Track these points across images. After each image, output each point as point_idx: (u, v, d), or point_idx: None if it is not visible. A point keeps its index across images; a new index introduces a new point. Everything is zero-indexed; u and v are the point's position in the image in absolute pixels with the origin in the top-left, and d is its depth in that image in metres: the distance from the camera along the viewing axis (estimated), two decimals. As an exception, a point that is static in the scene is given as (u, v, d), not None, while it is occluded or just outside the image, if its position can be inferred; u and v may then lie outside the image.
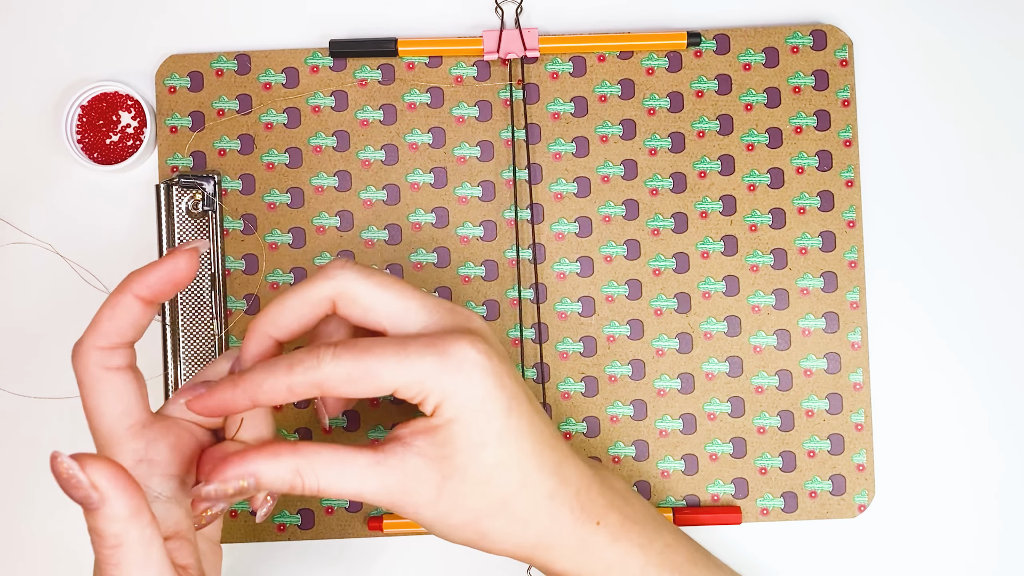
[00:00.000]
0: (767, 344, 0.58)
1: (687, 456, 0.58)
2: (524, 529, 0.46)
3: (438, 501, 0.44)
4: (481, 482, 0.44)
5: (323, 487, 0.43)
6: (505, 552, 0.47)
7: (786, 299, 0.58)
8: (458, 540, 0.46)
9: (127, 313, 0.44)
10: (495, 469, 0.44)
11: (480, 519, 0.45)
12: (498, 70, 0.59)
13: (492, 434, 0.44)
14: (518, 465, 0.45)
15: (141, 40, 0.60)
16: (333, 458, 0.43)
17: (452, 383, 0.43)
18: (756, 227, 0.59)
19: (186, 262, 0.44)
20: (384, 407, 0.58)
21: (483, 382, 0.43)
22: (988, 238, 0.59)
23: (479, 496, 0.45)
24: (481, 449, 0.44)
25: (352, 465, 0.43)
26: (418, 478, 0.44)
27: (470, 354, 0.43)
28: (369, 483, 0.43)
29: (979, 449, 0.59)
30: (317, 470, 0.42)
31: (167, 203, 0.58)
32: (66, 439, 0.59)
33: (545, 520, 0.46)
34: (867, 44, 0.60)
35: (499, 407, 0.44)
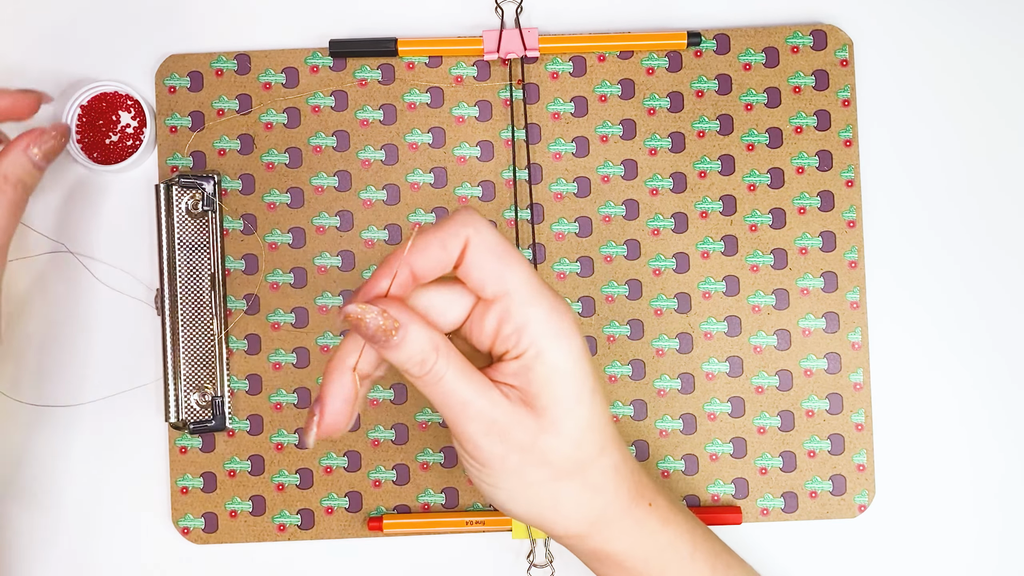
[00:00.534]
0: (767, 344, 0.58)
1: (687, 456, 0.58)
2: (592, 499, 0.46)
3: (529, 450, 0.44)
4: (574, 442, 0.44)
5: (447, 379, 0.42)
6: (568, 525, 0.47)
7: (786, 299, 0.58)
8: (525, 503, 0.46)
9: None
10: (586, 431, 0.45)
11: (559, 479, 0.45)
12: (498, 70, 0.59)
13: (587, 392, 0.44)
14: (600, 430, 0.45)
15: (141, 40, 0.60)
16: (467, 364, 0.43)
17: (559, 333, 0.43)
18: (756, 227, 0.59)
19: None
20: (384, 407, 0.58)
21: (580, 341, 0.44)
22: (988, 238, 0.59)
23: (566, 455, 0.44)
24: (577, 406, 0.44)
25: (478, 379, 0.43)
26: (518, 419, 0.43)
27: (573, 316, 0.44)
28: (481, 401, 0.43)
29: (979, 449, 0.59)
30: (451, 361, 0.43)
31: (167, 203, 0.58)
32: (67, 443, 0.59)
33: (611, 492, 0.47)
34: (867, 44, 0.60)
35: (590, 368, 0.44)
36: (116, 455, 0.59)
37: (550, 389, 0.44)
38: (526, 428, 0.44)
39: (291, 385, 0.58)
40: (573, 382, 0.44)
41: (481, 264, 0.42)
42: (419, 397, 0.58)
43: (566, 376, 0.44)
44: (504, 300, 0.43)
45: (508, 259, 0.43)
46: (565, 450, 0.45)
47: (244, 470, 0.58)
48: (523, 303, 0.43)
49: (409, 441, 0.58)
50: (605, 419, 0.46)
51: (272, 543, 0.59)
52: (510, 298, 0.43)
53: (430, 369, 0.42)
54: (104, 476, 0.59)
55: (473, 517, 0.58)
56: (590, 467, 0.46)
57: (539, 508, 0.46)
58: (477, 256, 0.42)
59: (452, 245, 0.42)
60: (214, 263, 0.58)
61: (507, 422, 0.43)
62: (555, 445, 0.44)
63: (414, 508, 0.58)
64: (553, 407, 0.44)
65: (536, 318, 0.43)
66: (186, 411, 0.58)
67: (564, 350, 0.43)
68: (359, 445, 0.58)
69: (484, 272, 0.43)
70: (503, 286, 0.43)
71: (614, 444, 0.47)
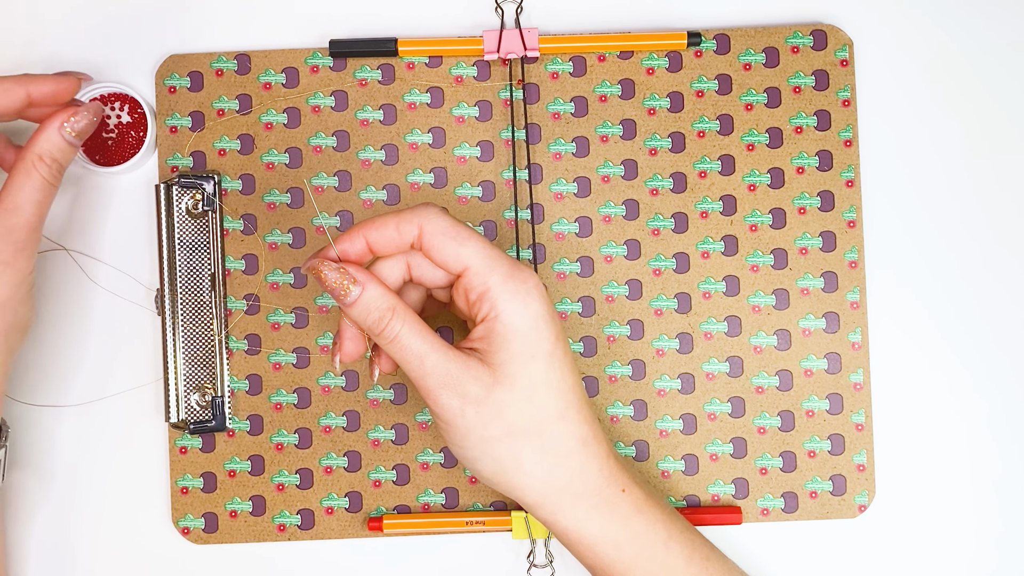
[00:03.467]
0: (767, 344, 0.58)
1: (687, 456, 0.58)
2: (555, 464, 0.48)
3: (483, 404, 0.47)
4: (526, 397, 0.48)
5: (403, 336, 0.47)
6: (533, 487, 0.48)
7: (786, 299, 0.58)
8: (491, 463, 0.49)
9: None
10: (539, 387, 0.48)
11: (516, 436, 0.48)
12: (498, 70, 0.59)
13: (543, 352, 0.48)
14: (559, 393, 0.48)
15: (141, 40, 0.60)
16: (423, 326, 0.48)
17: (515, 294, 0.47)
18: (756, 227, 0.59)
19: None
20: (384, 407, 0.58)
21: (540, 304, 0.48)
22: (989, 238, 0.59)
23: (521, 411, 0.48)
24: (531, 362, 0.47)
25: (433, 338, 0.48)
26: (473, 374, 0.47)
27: (535, 281, 0.48)
28: (434, 355, 0.47)
29: (979, 449, 0.59)
30: (406, 321, 0.47)
31: (167, 203, 0.58)
32: (67, 443, 0.59)
33: (576, 463, 0.49)
34: (867, 44, 0.60)
35: (551, 331, 0.48)
36: (116, 455, 0.59)
37: (506, 346, 0.47)
38: (481, 382, 0.47)
39: (291, 385, 0.58)
40: (528, 340, 0.47)
41: (438, 246, 0.47)
42: (419, 397, 0.58)
43: (520, 334, 0.47)
44: (467, 274, 0.48)
45: (461, 238, 0.47)
46: (518, 405, 0.48)
47: (244, 470, 0.58)
48: (481, 272, 0.47)
49: (409, 441, 0.58)
50: (566, 385, 0.49)
51: (272, 543, 0.59)
52: (470, 271, 0.48)
53: (386, 326, 0.47)
54: (104, 476, 0.59)
55: (473, 517, 0.58)
56: (549, 429, 0.48)
57: (503, 469, 0.49)
58: (433, 240, 0.47)
59: (405, 230, 0.48)
60: (214, 263, 0.58)
61: (461, 375, 0.47)
62: (508, 399, 0.47)
63: (414, 508, 0.58)
64: (508, 363, 0.47)
65: (494, 283, 0.47)
66: (186, 411, 0.58)
67: (519, 310, 0.47)
68: (359, 445, 0.58)
69: (443, 253, 0.47)
70: (462, 262, 0.48)
71: (578, 414, 0.49)
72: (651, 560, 0.50)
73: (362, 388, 0.58)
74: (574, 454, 0.49)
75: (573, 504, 0.49)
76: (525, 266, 0.49)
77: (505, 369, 0.47)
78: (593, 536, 0.50)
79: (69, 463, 0.59)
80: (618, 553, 0.50)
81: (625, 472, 0.51)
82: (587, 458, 0.49)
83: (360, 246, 0.48)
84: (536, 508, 0.50)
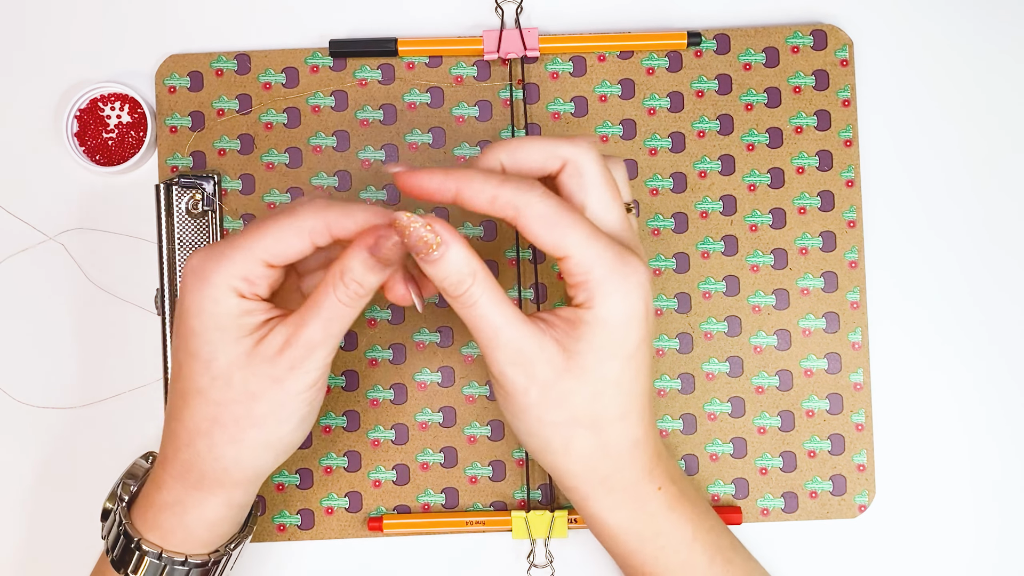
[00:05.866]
0: (767, 344, 0.58)
1: (687, 456, 0.58)
2: (602, 458, 0.48)
3: (549, 388, 0.46)
4: (593, 392, 0.46)
5: (481, 304, 0.45)
6: (575, 474, 0.48)
7: (786, 299, 0.58)
8: (540, 441, 0.47)
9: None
10: (610, 386, 0.46)
11: (573, 425, 0.46)
12: (498, 70, 0.59)
13: (624, 353, 0.46)
14: (628, 396, 0.47)
15: (141, 40, 0.60)
16: (503, 296, 0.45)
17: (616, 290, 0.45)
18: (756, 227, 0.59)
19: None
20: (384, 406, 0.58)
21: (637, 304, 0.45)
22: (988, 238, 0.59)
23: (584, 403, 0.46)
24: (610, 360, 0.46)
25: (507, 307, 0.45)
26: (546, 356, 0.45)
27: (642, 275, 0.45)
28: (511, 330, 0.45)
29: (979, 449, 0.59)
30: (487, 288, 0.45)
31: (167, 203, 0.58)
32: (67, 443, 0.59)
33: (623, 462, 0.48)
34: (867, 44, 0.60)
35: (640, 332, 0.46)
36: (116, 456, 0.59)
37: (588, 336, 0.45)
38: (552, 365, 0.45)
39: (291, 385, 0.58)
40: (613, 338, 0.45)
41: (537, 233, 0.44)
42: (419, 397, 0.58)
43: (608, 331, 0.45)
44: (567, 262, 0.45)
45: (562, 226, 0.44)
46: (583, 397, 0.46)
47: (244, 470, 0.58)
48: (582, 263, 0.45)
49: (409, 441, 0.58)
50: (637, 388, 0.47)
51: (272, 543, 0.59)
52: (571, 260, 0.45)
53: (465, 291, 0.44)
54: (104, 477, 0.59)
55: (473, 517, 0.58)
56: (607, 427, 0.47)
57: (551, 450, 0.47)
58: (531, 226, 0.44)
59: (499, 207, 0.44)
60: (214, 263, 0.58)
61: (533, 355, 0.45)
62: (575, 389, 0.46)
63: (414, 508, 0.58)
64: (585, 354, 0.45)
65: (595, 276, 0.45)
66: (186, 411, 0.58)
67: (615, 307, 0.45)
68: (359, 445, 0.58)
69: (541, 240, 0.44)
70: (562, 251, 0.45)
71: (638, 417, 0.48)
72: (673, 557, 0.50)
73: (362, 388, 0.58)
74: (623, 454, 0.48)
75: (607, 494, 0.49)
76: (632, 257, 0.45)
77: (580, 359, 0.45)
78: (618, 527, 0.50)
79: (69, 464, 0.59)
80: (640, 546, 0.50)
81: (665, 470, 0.50)
82: (634, 459, 0.48)
83: (448, 194, 0.45)
84: (570, 490, 0.50)
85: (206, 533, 0.49)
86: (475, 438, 0.58)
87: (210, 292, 0.45)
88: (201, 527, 0.49)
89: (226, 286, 0.45)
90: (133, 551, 0.49)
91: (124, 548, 0.49)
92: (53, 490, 0.59)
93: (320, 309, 0.45)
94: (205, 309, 0.45)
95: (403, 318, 0.58)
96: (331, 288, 0.45)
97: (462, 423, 0.58)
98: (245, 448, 0.47)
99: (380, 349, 0.58)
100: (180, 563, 0.49)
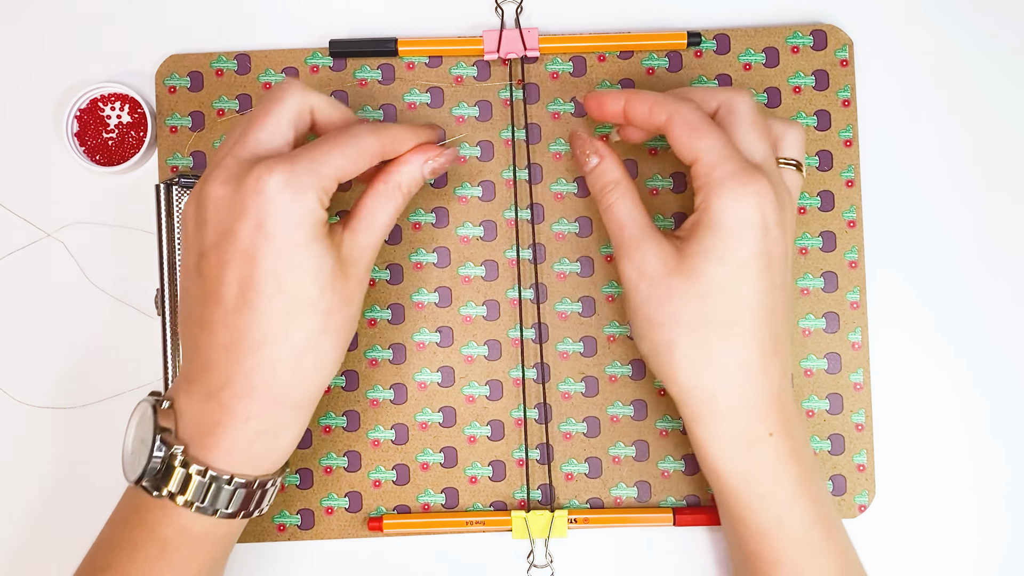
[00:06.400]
0: (767, 344, 0.58)
1: (687, 456, 0.58)
2: (704, 371, 0.49)
3: (656, 284, 0.49)
4: (699, 294, 0.48)
5: (616, 207, 0.52)
6: (680, 380, 0.49)
7: (786, 299, 0.58)
8: (649, 345, 0.50)
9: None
10: (715, 290, 0.48)
11: (674, 327, 0.48)
12: (498, 70, 0.59)
13: (736, 258, 0.48)
14: (735, 306, 0.48)
15: (141, 40, 0.60)
16: (638, 203, 0.52)
17: (731, 192, 0.48)
18: (756, 227, 0.59)
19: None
20: (384, 406, 0.58)
21: (752, 212, 0.48)
22: (989, 237, 0.59)
23: (688, 305, 0.48)
24: (719, 263, 0.48)
25: (638, 213, 0.51)
26: (659, 254, 0.49)
27: (763, 187, 0.48)
28: (634, 229, 0.51)
29: (980, 449, 0.59)
30: (625, 195, 0.52)
31: (167, 203, 0.58)
32: (67, 443, 0.59)
33: (726, 384, 0.49)
34: (867, 44, 0.60)
35: (754, 242, 0.48)
36: (117, 456, 0.59)
37: (702, 239, 0.48)
38: (664, 263, 0.49)
39: (291, 385, 0.58)
40: (724, 241, 0.48)
41: (678, 136, 0.49)
42: (419, 397, 0.58)
43: (719, 232, 0.48)
44: (696, 165, 0.49)
45: (700, 132, 0.49)
46: (688, 298, 0.48)
47: (244, 470, 0.58)
48: (707, 165, 0.48)
49: (409, 441, 0.58)
50: (744, 302, 0.48)
51: (272, 543, 0.59)
52: (700, 162, 0.49)
53: (607, 194, 0.52)
54: (104, 477, 0.59)
55: (473, 517, 0.58)
56: (709, 335, 0.48)
57: (657, 353, 0.49)
58: (675, 130, 0.50)
59: (656, 113, 0.50)
60: (214, 263, 0.58)
61: (648, 252, 0.49)
62: (680, 289, 0.48)
63: (414, 508, 0.58)
64: (696, 255, 0.48)
65: (716, 177, 0.48)
66: (186, 411, 0.58)
67: (728, 208, 0.48)
68: (359, 445, 0.58)
69: (680, 143, 0.49)
70: (694, 154, 0.49)
71: (748, 337, 0.48)
72: (771, 510, 0.50)
73: (362, 388, 0.58)
74: (727, 372, 0.48)
75: (713, 419, 0.49)
76: (759, 174, 0.48)
77: (691, 261, 0.48)
78: (722, 461, 0.50)
79: (69, 464, 0.59)
80: (739, 489, 0.50)
81: (783, 420, 0.49)
82: (740, 384, 0.48)
83: (618, 107, 0.52)
84: (680, 405, 0.50)
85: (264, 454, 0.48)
86: (475, 438, 0.58)
87: (308, 204, 0.46)
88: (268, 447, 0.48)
89: (318, 198, 0.47)
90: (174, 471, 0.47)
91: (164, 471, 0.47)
92: (53, 490, 0.59)
93: (376, 215, 0.50)
94: (306, 220, 0.46)
95: (403, 318, 0.59)
96: (386, 197, 0.50)
97: (462, 423, 0.58)
98: (339, 356, 0.49)
99: (380, 349, 0.58)
100: (226, 481, 0.47)
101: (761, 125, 0.50)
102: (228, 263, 0.46)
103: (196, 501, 0.47)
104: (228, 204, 0.46)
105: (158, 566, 0.48)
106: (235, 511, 0.48)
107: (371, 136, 0.49)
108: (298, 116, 0.49)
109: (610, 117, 0.53)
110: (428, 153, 0.51)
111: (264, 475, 0.49)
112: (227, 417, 0.47)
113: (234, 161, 0.47)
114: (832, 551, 0.50)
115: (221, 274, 0.46)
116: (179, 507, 0.47)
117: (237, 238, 0.46)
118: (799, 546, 0.50)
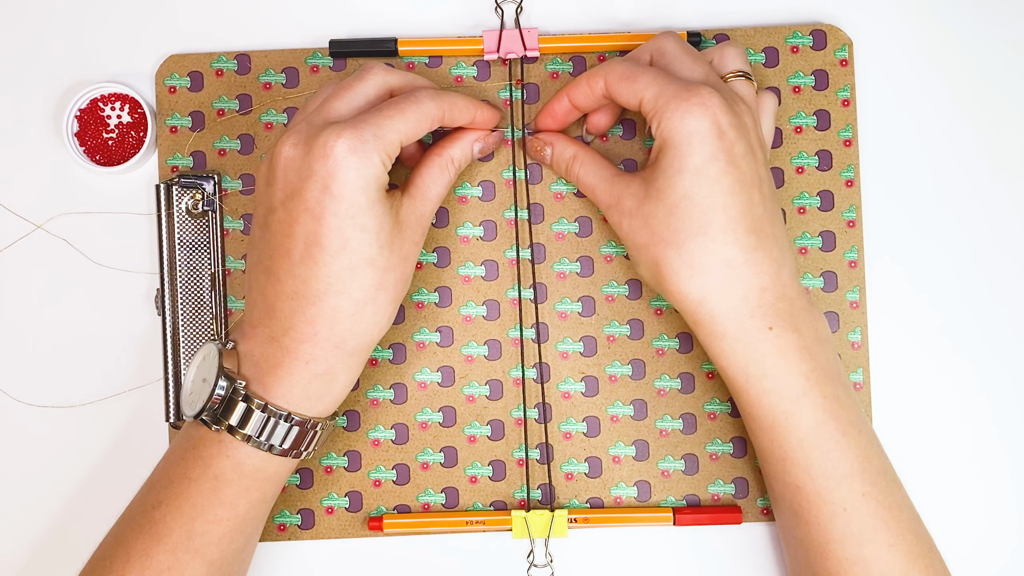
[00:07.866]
0: (767, 344, 0.58)
1: (687, 456, 0.58)
2: (692, 276, 0.50)
3: (634, 215, 0.51)
4: (668, 208, 0.50)
5: (582, 175, 0.55)
6: (677, 291, 0.51)
7: (786, 299, 0.58)
8: (642, 267, 0.52)
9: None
10: (681, 200, 0.50)
11: (658, 244, 0.50)
12: (498, 70, 0.59)
13: (691, 166, 0.49)
14: (703, 210, 0.50)
15: (141, 40, 0.60)
16: (599, 162, 0.55)
17: (675, 111, 0.50)
18: (756, 227, 0.59)
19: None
20: (384, 406, 0.58)
21: (698, 121, 0.49)
22: (988, 237, 0.59)
23: (662, 221, 0.50)
24: (677, 176, 0.50)
25: (603, 170, 0.54)
26: (630, 191, 0.52)
27: (706, 97, 0.50)
28: (604, 184, 0.54)
29: (980, 449, 0.59)
30: (584, 163, 0.55)
31: (167, 203, 0.58)
32: (67, 443, 0.59)
33: (714, 282, 0.50)
34: (867, 44, 0.60)
35: (705, 148, 0.49)
36: (116, 456, 0.59)
37: (659, 160, 0.51)
38: (635, 196, 0.51)
39: (291, 385, 0.58)
40: (677, 153, 0.50)
41: (617, 91, 0.52)
42: (419, 397, 0.58)
43: (672, 147, 0.50)
44: (642, 105, 0.51)
45: (634, 75, 0.52)
46: (660, 215, 0.50)
47: (244, 470, 0.58)
48: (651, 99, 0.51)
49: (409, 441, 0.58)
50: (710, 203, 0.49)
51: (272, 543, 0.59)
52: (645, 101, 0.51)
53: (571, 169, 0.56)
54: (104, 477, 0.59)
55: (473, 517, 0.58)
56: (687, 242, 0.50)
57: (652, 274, 0.52)
58: (613, 87, 0.52)
59: (594, 83, 0.53)
60: (214, 263, 0.58)
61: (621, 194, 0.52)
62: (653, 211, 0.51)
63: (414, 508, 0.58)
64: (659, 177, 0.50)
65: (660, 104, 0.50)
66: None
67: (675, 125, 0.50)
68: (359, 445, 0.58)
69: (623, 95, 0.52)
70: (636, 96, 0.51)
71: (724, 234, 0.50)
72: (777, 405, 0.50)
73: (362, 388, 0.58)
74: (712, 271, 0.50)
75: (708, 322, 0.50)
76: (700, 87, 0.50)
77: (656, 183, 0.50)
78: (723, 359, 0.51)
79: (69, 464, 0.59)
80: (746, 386, 0.51)
81: (785, 315, 0.50)
82: (730, 280, 0.50)
83: (566, 105, 0.55)
84: (685, 315, 0.52)
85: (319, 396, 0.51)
86: (475, 438, 0.58)
87: (372, 169, 0.49)
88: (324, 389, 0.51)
89: (381, 162, 0.50)
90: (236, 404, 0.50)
91: (225, 406, 0.50)
92: (53, 489, 0.59)
93: (431, 185, 0.54)
94: (370, 184, 0.49)
95: (403, 318, 0.59)
96: (440, 169, 0.54)
97: (462, 423, 0.58)
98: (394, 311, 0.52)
99: (380, 349, 0.59)
100: (284, 417, 0.50)
101: (693, 52, 0.53)
102: (296, 220, 0.49)
103: (253, 435, 0.50)
104: (297, 165, 0.49)
105: (211, 500, 0.50)
106: (287, 448, 0.51)
107: (432, 101, 0.52)
108: (376, 95, 0.53)
109: (564, 116, 0.56)
110: (477, 134, 0.56)
111: (317, 416, 0.51)
112: (288, 359, 0.50)
113: (307, 125, 0.50)
114: (847, 451, 0.50)
115: (290, 228, 0.49)
116: (236, 441, 0.50)
117: (305, 197, 0.49)
118: (807, 444, 0.50)
